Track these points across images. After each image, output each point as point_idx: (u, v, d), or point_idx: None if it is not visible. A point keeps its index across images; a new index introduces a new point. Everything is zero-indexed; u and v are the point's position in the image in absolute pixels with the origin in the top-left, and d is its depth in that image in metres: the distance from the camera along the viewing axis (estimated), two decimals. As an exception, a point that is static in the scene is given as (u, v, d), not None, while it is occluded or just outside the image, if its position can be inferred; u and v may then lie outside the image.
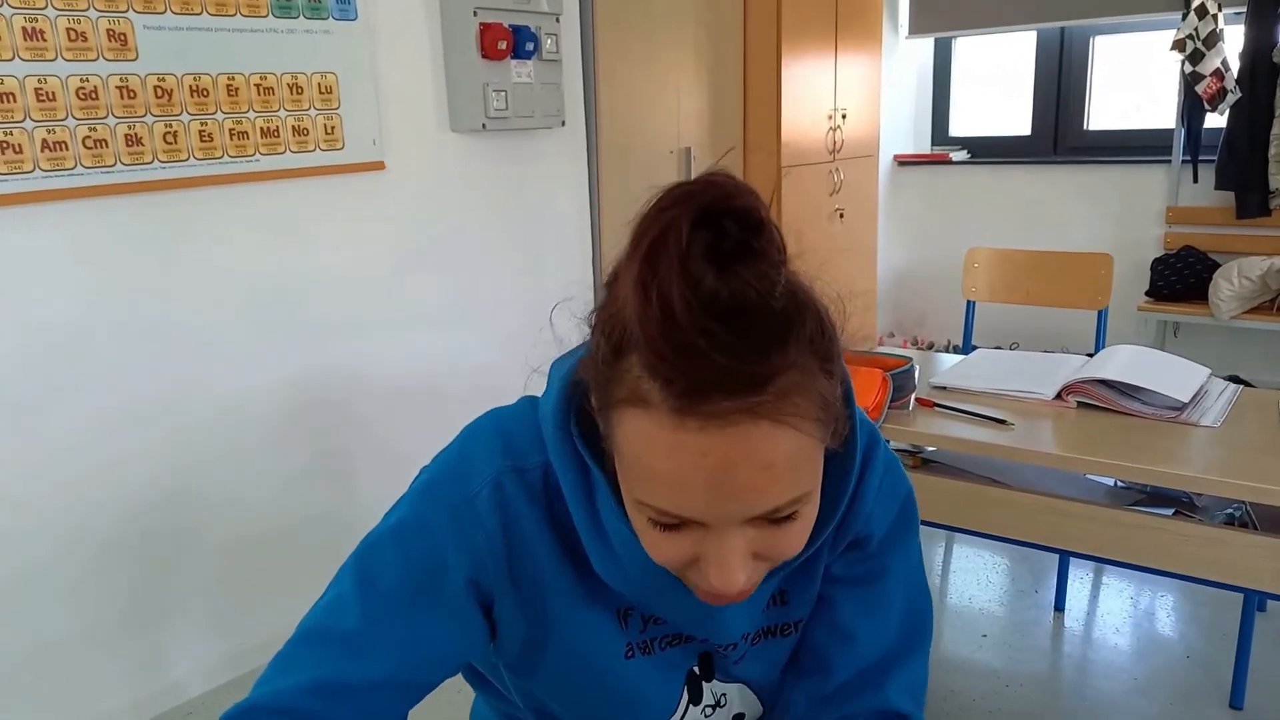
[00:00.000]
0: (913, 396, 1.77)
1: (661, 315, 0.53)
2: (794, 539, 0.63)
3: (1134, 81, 4.17)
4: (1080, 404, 1.72)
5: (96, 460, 1.87)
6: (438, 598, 0.71)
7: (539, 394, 0.79)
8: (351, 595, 0.72)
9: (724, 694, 0.84)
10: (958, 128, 4.63)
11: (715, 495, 0.58)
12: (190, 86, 1.91)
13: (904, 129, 4.62)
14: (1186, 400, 1.65)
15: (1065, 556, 2.32)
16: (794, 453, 0.58)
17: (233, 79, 1.98)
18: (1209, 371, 1.81)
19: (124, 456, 1.91)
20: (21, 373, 1.76)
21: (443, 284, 2.50)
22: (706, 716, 0.84)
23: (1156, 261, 3.77)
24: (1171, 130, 3.79)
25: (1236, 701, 1.92)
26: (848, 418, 0.66)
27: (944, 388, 1.86)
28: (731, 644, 0.80)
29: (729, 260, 0.54)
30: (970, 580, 2.53)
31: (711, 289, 0.53)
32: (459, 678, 0.86)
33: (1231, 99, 3.48)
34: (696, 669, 0.82)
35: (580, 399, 0.69)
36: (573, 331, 0.69)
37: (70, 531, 1.85)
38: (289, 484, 2.21)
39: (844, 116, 3.80)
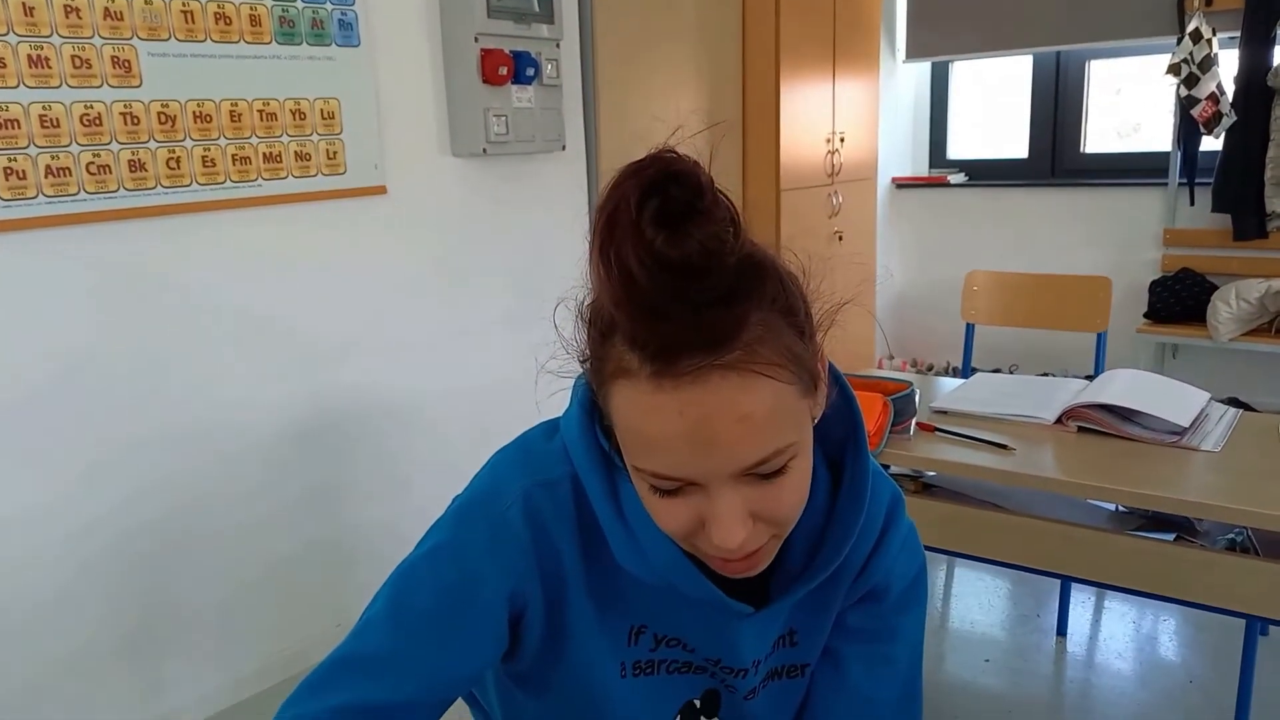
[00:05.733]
0: (913, 421, 1.77)
1: (622, 280, 0.58)
2: (787, 497, 0.65)
3: (1130, 105, 4.20)
4: (1081, 428, 1.72)
5: (95, 489, 1.87)
6: (470, 617, 0.73)
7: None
8: (383, 619, 0.73)
9: None
10: (955, 150, 4.65)
11: (699, 450, 0.61)
12: (194, 112, 1.93)
13: (902, 152, 4.65)
14: (1187, 425, 1.66)
15: (1067, 581, 2.31)
16: (770, 403, 0.61)
17: (236, 105, 1.99)
18: (1209, 396, 1.81)
19: (125, 481, 1.91)
20: (23, 398, 1.76)
21: (443, 306, 2.51)
22: None
23: (1154, 284, 3.78)
24: (1168, 153, 3.82)
25: (1240, 727, 1.91)
26: (833, 383, 0.71)
27: (944, 412, 1.86)
28: (742, 671, 0.80)
29: (678, 222, 0.58)
30: (972, 605, 2.52)
31: (664, 250, 0.57)
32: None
33: (1227, 122, 3.50)
34: (698, 703, 0.82)
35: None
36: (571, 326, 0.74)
37: (69, 557, 1.84)
38: (290, 509, 2.21)
39: (842, 140, 3.83)
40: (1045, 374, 3.90)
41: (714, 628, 0.78)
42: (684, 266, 0.57)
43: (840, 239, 3.89)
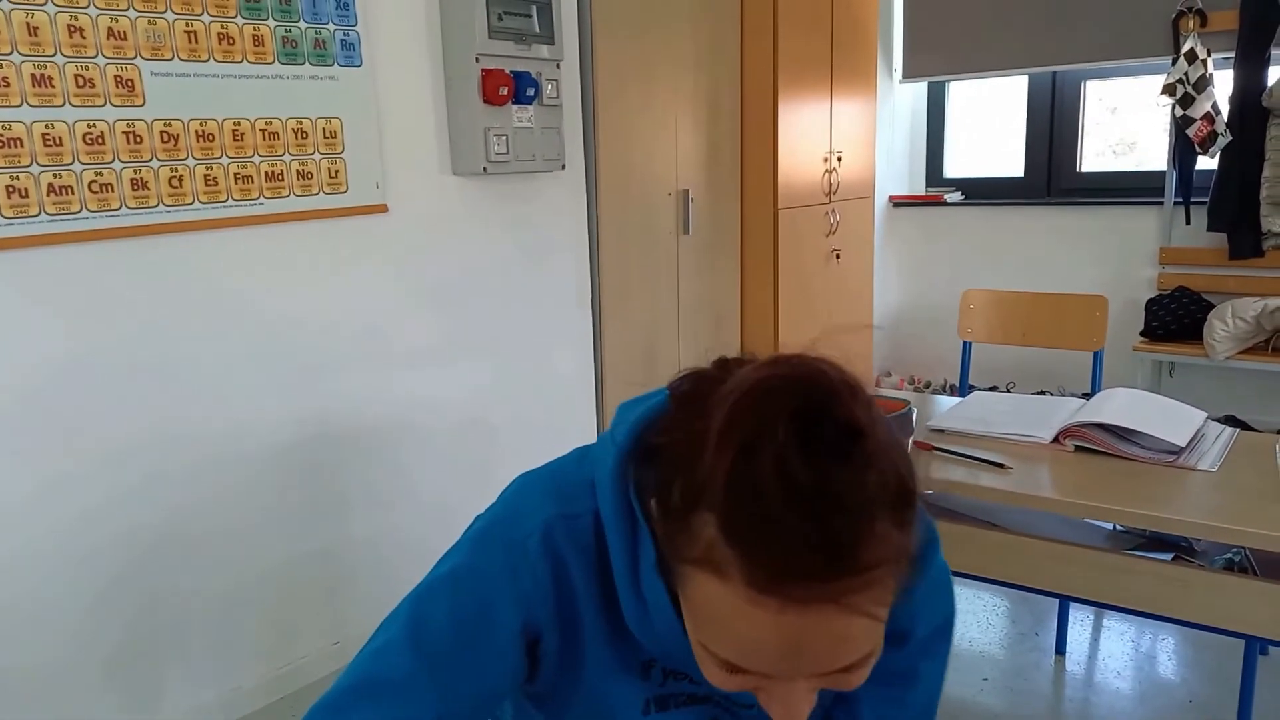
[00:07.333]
0: (911, 440, 1.77)
1: (753, 508, 0.54)
2: (857, 680, 0.62)
3: (1125, 124, 4.23)
4: (1078, 448, 1.73)
5: (93, 498, 1.87)
6: (487, 645, 0.72)
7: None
8: (401, 643, 0.73)
9: None
10: (952, 169, 4.68)
11: (786, 663, 0.58)
12: (196, 131, 1.94)
13: (899, 171, 4.67)
14: (1183, 444, 1.66)
15: (1066, 600, 2.31)
16: (870, 626, 0.58)
17: (238, 124, 2.00)
18: (1205, 415, 1.81)
19: (121, 495, 1.91)
20: (24, 411, 1.76)
21: (443, 324, 2.52)
22: None
23: (1151, 302, 3.80)
24: (1163, 172, 3.84)
25: (1240, 747, 1.90)
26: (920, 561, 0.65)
27: (942, 430, 1.87)
28: (752, 704, 0.79)
29: (825, 462, 0.54)
30: (970, 623, 2.52)
31: (806, 486, 0.53)
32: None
33: (1222, 142, 3.53)
34: None
35: (643, 451, 0.70)
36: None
37: (64, 569, 1.84)
38: (285, 524, 2.21)
39: (839, 159, 3.85)
40: (1042, 392, 3.91)
41: None
42: (822, 507, 0.53)
43: (838, 257, 3.91)
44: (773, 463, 0.53)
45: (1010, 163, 4.43)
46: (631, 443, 0.70)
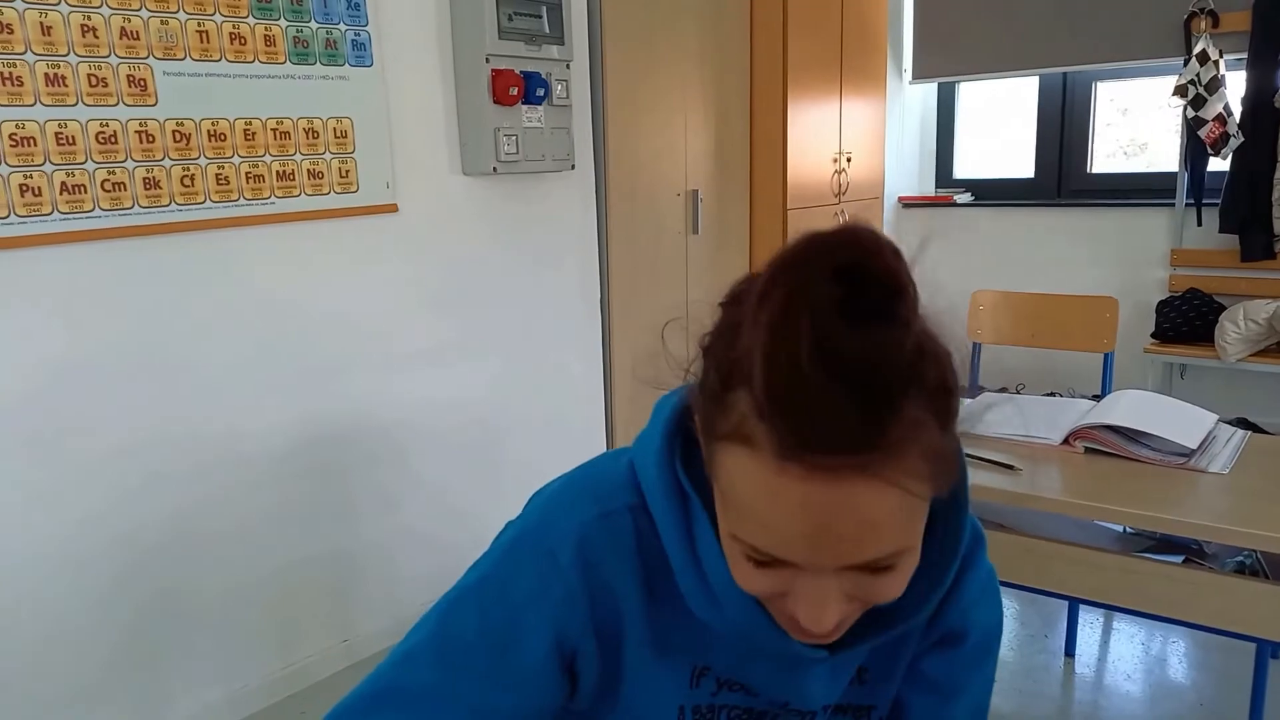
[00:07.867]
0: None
1: (786, 367, 0.52)
2: (891, 588, 0.61)
3: (1136, 125, 4.21)
4: (1088, 449, 1.72)
5: (102, 497, 1.88)
6: (515, 659, 0.70)
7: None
8: (426, 652, 0.72)
9: None
10: (961, 170, 4.67)
11: (812, 544, 0.57)
12: (208, 131, 1.95)
13: (908, 171, 4.66)
14: (1194, 446, 1.65)
15: (1075, 602, 2.30)
16: (899, 509, 0.56)
17: (250, 124, 2.01)
18: (1216, 417, 1.80)
19: (130, 493, 1.92)
20: (34, 410, 1.77)
21: (452, 324, 2.52)
22: None
23: (1162, 304, 3.78)
24: (1174, 174, 3.82)
25: (1251, 751, 1.89)
26: (959, 470, 0.64)
27: (952, 432, 1.86)
28: (810, 714, 0.77)
29: (863, 321, 0.52)
30: (979, 625, 2.51)
31: (840, 347, 0.51)
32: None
33: (1234, 143, 3.51)
34: None
35: (685, 431, 0.69)
36: (679, 348, 0.70)
37: (70, 569, 1.85)
38: (293, 522, 2.21)
39: (849, 160, 3.84)
40: (1052, 394, 3.90)
41: (782, 670, 0.74)
42: (855, 369, 0.51)
43: (847, 258, 3.90)
44: (810, 322, 0.51)
45: (1020, 164, 4.41)
46: (675, 420, 0.69)
